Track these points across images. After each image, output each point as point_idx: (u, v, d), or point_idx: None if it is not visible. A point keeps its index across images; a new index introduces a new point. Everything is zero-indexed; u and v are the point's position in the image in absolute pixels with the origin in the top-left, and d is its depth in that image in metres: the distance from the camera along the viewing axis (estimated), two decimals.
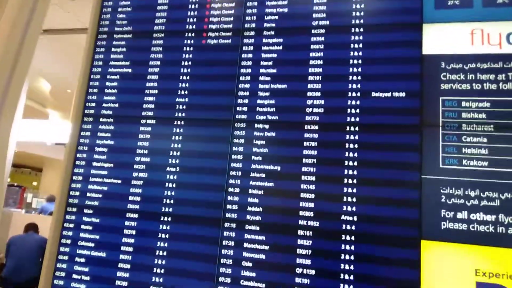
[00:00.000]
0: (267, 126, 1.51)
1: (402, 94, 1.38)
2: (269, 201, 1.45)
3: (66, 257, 1.63)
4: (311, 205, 1.40)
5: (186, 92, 1.64)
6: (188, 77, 1.65)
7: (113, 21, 1.82)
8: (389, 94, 1.40)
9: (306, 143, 1.45)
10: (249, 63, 1.58)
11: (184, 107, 1.63)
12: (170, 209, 1.55)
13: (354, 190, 1.37)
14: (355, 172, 1.38)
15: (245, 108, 1.55)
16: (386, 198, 1.33)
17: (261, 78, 1.55)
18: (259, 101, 1.54)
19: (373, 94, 1.41)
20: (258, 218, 1.45)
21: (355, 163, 1.38)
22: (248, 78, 1.57)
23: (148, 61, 1.71)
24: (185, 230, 1.51)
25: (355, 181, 1.37)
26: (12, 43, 2.00)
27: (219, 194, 1.51)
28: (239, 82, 1.58)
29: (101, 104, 1.74)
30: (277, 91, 1.53)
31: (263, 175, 1.48)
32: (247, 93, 1.56)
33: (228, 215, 1.48)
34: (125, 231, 1.58)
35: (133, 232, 1.57)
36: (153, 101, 1.68)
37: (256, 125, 1.52)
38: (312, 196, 1.41)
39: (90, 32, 1.82)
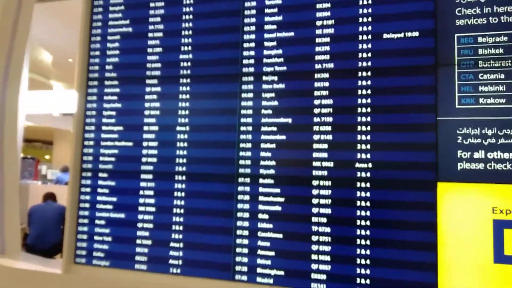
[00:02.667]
0: (275, 78, 1.47)
1: (415, 34, 1.32)
2: (282, 154, 1.44)
3: (86, 220, 1.67)
4: (325, 155, 1.39)
5: (190, 48, 1.59)
6: (190, 32, 1.60)
7: None
8: (401, 35, 1.34)
9: (316, 93, 1.42)
10: (253, 11, 1.52)
11: (189, 63, 1.59)
12: (184, 168, 1.55)
13: (368, 137, 1.35)
14: (368, 119, 1.35)
15: (252, 61, 1.51)
16: (401, 142, 1.31)
17: (266, 27, 1.49)
18: (265, 52, 1.49)
19: (385, 35, 1.35)
20: (271, 171, 1.45)
21: (369, 109, 1.35)
22: (253, 28, 1.51)
23: (148, 18, 1.66)
24: (200, 188, 1.53)
25: (369, 127, 1.35)
26: (8, 12, 1.95)
27: (231, 150, 1.50)
28: (243, 33, 1.52)
29: (105, 67, 1.71)
30: (284, 40, 1.47)
31: (275, 128, 1.46)
32: (252, 44, 1.51)
33: (241, 170, 1.48)
34: (141, 192, 1.60)
35: (150, 193, 1.59)
36: (157, 60, 1.63)
37: (264, 78, 1.48)
38: (326, 146, 1.39)
39: None
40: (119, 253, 1.61)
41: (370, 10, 1.37)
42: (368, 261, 1.30)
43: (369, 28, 1.37)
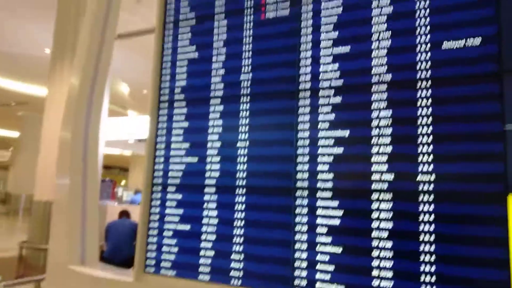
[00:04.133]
0: (332, 92, 1.50)
1: (477, 41, 1.28)
2: (340, 167, 1.45)
3: (155, 232, 1.79)
4: (385, 167, 1.37)
5: (250, 68, 1.69)
6: (250, 54, 1.70)
7: (177, 10, 1.92)
8: (462, 43, 1.30)
9: (374, 105, 1.42)
10: (309, 30, 1.58)
11: (249, 83, 1.68)
12: (244, 182, 1.62)
13: (430, 149, 1.31)
14: (429, 130, 1.32)
15: (308, 77, 1.56)
16: (466, 153, 1.26)
17: (322, 43, 1.54)
18: (322, 68, 1.53)
19: (444, 45, 1.33)
20: (329, 184, 1.45)
21: (430, 120, 1.32)
22: (310, 45, 1.57)
23: (212, 43, 1.79)
24: (260, 201, 1.57)
25: (430, 138, 1.31)
26: (92, 48, 2.23)
27: (289, 164, 1.54)
28: (300, 52, 1.58)
29: (173, 90, 1.86)
30: (340, 55, 1.51)
31: (332, 142, 1.47)
32: (309, 61, 1.56)
33: (299, 184, 1.51)
34: (205, 205, 1.68)
35: (213, 206, 1.67)
36: (220, 81, 1.75)
37: (321, 92, 1.52)
38: (385, 158, 1.38)
39: (157, 22, 1.95)
40: (184, 263, 1.69)
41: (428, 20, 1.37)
42: (433, 278, 1.24)
43: (428, 37, 1.36)
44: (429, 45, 1.35)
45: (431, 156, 1.30)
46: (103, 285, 1.88)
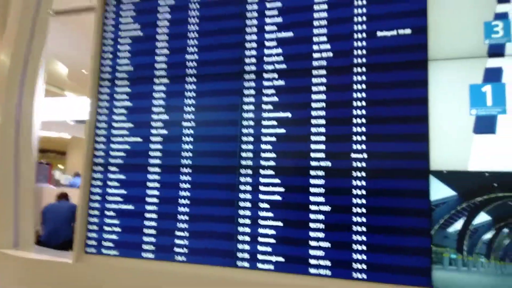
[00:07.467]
0: (276, 75, 1.56)
1: (408, 31, 1.40)
2: (282, 146, 1.51)
3: (96, 212, 1.76)
4: (322, 146, 1.46)
5: (196, 49, 1.69)
6: (196, 35, 1.70)
7: None
8: (395, 32, 1.41)
9: (314, 88, 1.50)
10: (255, 14, 1.61)
11: (195, 64, 1.68)
12: (189, 161, 1.63)
13: (364, 129, 1.41)
14: (363, 112, 1.42)
15: (254, 60, 1.60)
16: (394, 134, 1.38)
17: (267, 28, 1.59)
18: (266, 51, 1.58)
19: (379, 33, 1.43)
20: (272, 163, 1.52)
21: (364, 103, 1.42)
22: (255, 29, 1.60)
23: (156, 22, 1.76)
24: (204, 180, 1.60)
25: (363, 120, 1.42)
26: (24, 24, 2.09)
27: (234, 143, 1.58)
28: (246, 34, 1.61)
29: (115, 68, 1.81)
30: (283, 40, 1.56)
31: (275, 123, 1.53)
32: (254, 45, 1.60)
33: (243, 162, 1.56)
34: (149, 184, 1.68)
35: (157, 185, 1.67)
36: (164, 61, 1.73)
37: (265, 75, 1.57)
38: (323, 138, 1.46)
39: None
40: (127, 243, 1.68)
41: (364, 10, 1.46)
42: (363, 247, 1.36)
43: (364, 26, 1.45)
44: (364, 33, 1.45)
45: (364, 137, 1.41)
46: (41, 268, 1.82)
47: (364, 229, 1.37)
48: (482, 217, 1.24)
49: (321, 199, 1.43)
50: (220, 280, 1.51)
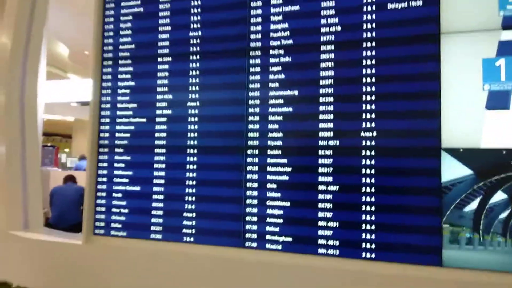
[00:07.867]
0: (282, 51, 1.51)
1: (419, 3, 1.34)
2: (289, 125, 1.48)
3: (104, 194, 1.75)
4: (331, 125, 1.43)
5: (199, 25, 1.64)
6: (199, 10, 1.64)
7: None
8: (406, 4, 1.36)
9: (322, 64, 1.45)
10: None
11: (198, 41, 1.64)
12: (195, 142, 1.61)
13: (373, 106, 1.38)
14: (373, 89, 1.38)
15: (259, 35, 1.55)
16: (405, 111, 1.34)
17: (272, 1, 1.53)
18: (272, 26, 1.53)
19: (389, 6, 1.38)
20: (279, 143, 1.49)
21: (373, 79, 1.38)
22: (260, 3, 1.55)
23: None
24: (211, 160, 1.58)
25: (373, 97, 1.38)
26: (24, 4, 2.03)
27: (240, 123, 1.55)
28: (250, 9, 1.56)
29: (118, 47, 1.77)
30: (290, 14, 1.51)
31: (282, 101, 1.50)
32: (259, 19, 1.55)
33: (250, 142, 1.53)
34: (156, 165, 1.67)
35: (163, 166, 1.66)
36: (167, 38, 1.69)
37: (271, 51, 1.52)
38: (331, 116, 1.43)
39: None
40: (135, 224, 1.68)
41: None
42: (373, 226, 1.35)
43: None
44: (374, 6, 1.39)
45: (373, 114, 1.37)
46: (51, 249, 1.83)
47: (373, 208, 1.35)
48: (499, 196, 1.22)
49: (329, 178, 1.41)
50: (228, 261, 1.51)
